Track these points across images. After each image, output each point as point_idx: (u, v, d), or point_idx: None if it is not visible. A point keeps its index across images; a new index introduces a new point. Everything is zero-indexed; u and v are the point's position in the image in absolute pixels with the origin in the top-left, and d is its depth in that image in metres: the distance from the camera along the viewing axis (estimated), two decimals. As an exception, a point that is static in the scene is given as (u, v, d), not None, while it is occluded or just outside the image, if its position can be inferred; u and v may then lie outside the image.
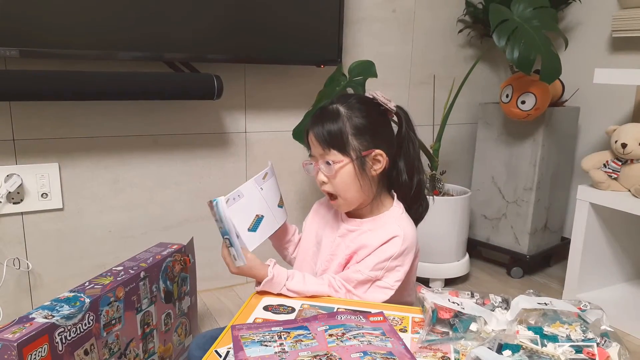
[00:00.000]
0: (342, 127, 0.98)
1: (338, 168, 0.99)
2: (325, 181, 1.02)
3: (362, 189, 1.01)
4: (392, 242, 0.99)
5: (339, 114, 0.99)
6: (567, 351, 0.72)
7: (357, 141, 0.99)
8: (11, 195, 1.48)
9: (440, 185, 1.97)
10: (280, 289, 0.97)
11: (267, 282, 0.96)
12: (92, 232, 1.63)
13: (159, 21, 1.47)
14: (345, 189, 1.01)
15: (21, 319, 0.90)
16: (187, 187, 1.76)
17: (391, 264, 0.99)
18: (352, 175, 0.99)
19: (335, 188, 1.01)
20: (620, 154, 1.67)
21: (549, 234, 2.13)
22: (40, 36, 1.33)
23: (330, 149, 0.99)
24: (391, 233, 1.00)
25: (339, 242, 1.08)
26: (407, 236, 1.00)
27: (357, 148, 0.99)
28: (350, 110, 1.00)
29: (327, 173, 1.00)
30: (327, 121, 0.99)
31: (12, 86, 1.30)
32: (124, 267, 1.17)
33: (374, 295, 1.00)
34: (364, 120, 1.00)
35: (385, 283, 1.00)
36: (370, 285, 1.00)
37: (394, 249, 0.99)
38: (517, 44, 1.64)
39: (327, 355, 0.71)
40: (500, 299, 0.88)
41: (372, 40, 1.99)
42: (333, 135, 0.98)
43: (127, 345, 1.12)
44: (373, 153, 1.00)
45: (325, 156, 1.00)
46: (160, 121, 1.67)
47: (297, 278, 0.99)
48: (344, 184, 1.00)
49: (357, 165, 0.99)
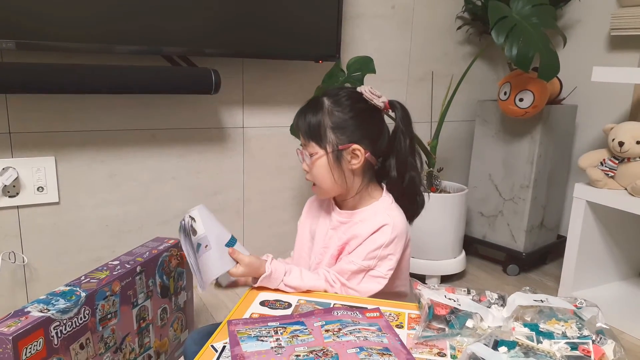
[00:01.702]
0: (321, 120, 1.02)
1: (314, 159, 1.03)
2: (307, 170, 1.06)
3: (337, 181, 1.04)
4: (382, 231, 1.01)
5: (322, 107, 1.03)
6: (562, 348, 0.72)
7: (335, 135, 1.02)
8: (7, 189, 1.48)
9: (438, 182, 1.97)
10: (278, 285, 0.98)
11: (265, 277, 0.96)
12: (88, 226, 1.62)
13: (157, 15, 1.46)
14: (320, 180, 1.05)
15: (17, 312, 0.89)
16: (184, 182, 1.76)
17: (383, 253, 1.01)
18: (326, 168, 1.03)
19: (314, 178, 1.06)
20: (617, 152, 1.67)
21: (545, 232, 2.13)
22: (37, 28, 1.32)
23: (309, 141, 1.04)
24: (380, 222, 1.01)
25: (332, 234, 1.10)
26: (397, 224, 1.02)
27: (333, 142, 1.02)
28: (334, 104, 1.03)
29: (306, 162, 1.05)
30: (309, 113, 1.03)
31: (9, 79, 1.29)
32: (120, 262, 1.17)
33: (367, 286, 1.01)
34: (345, 115, 1.02)
35: (379, 272, 1.01)
36: (364, 275, 1.01)
37: (384, 238, 1.01)
38: (515, 42, 1.64)
39: (323, 350, 0.71)
40: (496, 295, 0.88)
41: (371, 36, 1.98)
42: (312, 128, 1.02)
43: (122, 340, 1.12)
44: (351, 147, 1.02)
45: (306, 147, 1.05)
46: (158, 115, 1.66)
47: (295, 273, 0.99)
48: (319, 174, 1.04)
49: (332, 158, 1.02)
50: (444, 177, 2.03)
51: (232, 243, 0.98)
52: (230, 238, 0.98)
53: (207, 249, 0.94)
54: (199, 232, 0.95)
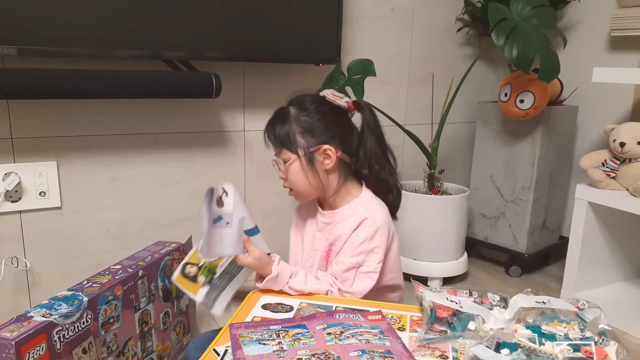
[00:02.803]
0: (289, 127, 1.05)
1: (288, 165, 1.06)
2: (283, 177, 1.09)
3: (312, 183, 1.06)
4: (363, 225, 1.03)
5: (288, 116, 1.06)
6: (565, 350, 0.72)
7: (304, 139, 1.05)
8: (9, 194, 1.48)
9: (439, 184, 1.97)
10: (282, 287, 0.98)
11: (271, 279, 0.97)
12: (91, 230, 1.62)
13: (157, 19, 1.47)
14: (296, 184, 1.08)
15: (19, 317, 0.89)
16: (186, 186, 1.76)
17: (368, 247, 1.03)
18: (300, 171, 1.06)
19: (290, 184, 1.09)
20: (618, 153, 1.67)
21: (547, 233, 2.13)
22: (38, 34, 1.33)
23: (281, 148, 1.07)
24: (360, 217, 1.04)
25: (319, 236, 1.12)
26: (377, 216, 1.05)
27: (304, 145, 1.05)
28: (300, 110, 1.06)
29: (281, 170, 1.08)
30: (277, 123, 1.07)
31: (10, 84, 1.29)
32: (122, 266, 1.17)
33: (360, 285, 1.02)
34: (311, 119, 1.05)
35: (368, 267, 1.03)
36: (355, 272, 1.02)
37: (366, 232, 1.03)
38: (515, 43, 1.64)
39: (325, 353, 0.71)
40: (498, 297, 0.88)
41: (371, 39, 1.99)
42: (282, 136, 1.06)
43: (125, 344, 1.12)
44: (322, 148, 1.05)
45: (279, 154, 1.08)
46: (159, 120, 1.67)
47: (300, 277, 1.00)
48: (295, 179, 1.07)
49: (305, 162, 1.05)
50: (445, 178, 2.03)
51: (252, 233, 1.00)
52: (253, 227, 1.00)
53: (228, 226, 0.96)
54: (227, 206, 0.97)
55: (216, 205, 0.97)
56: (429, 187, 1.95)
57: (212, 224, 0.95)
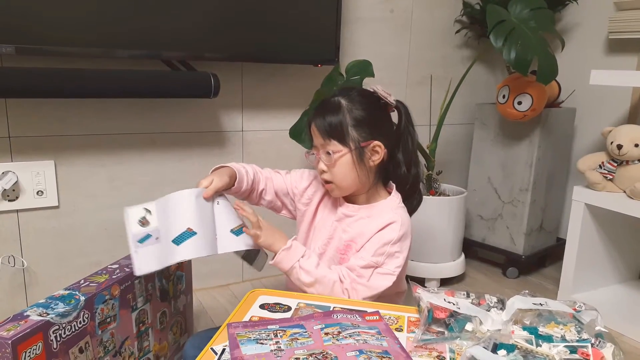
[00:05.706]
0: (342, 118, 1.03)
1: (337, 157, 1.03)
2: (325, 170, 1.06)
3: (359, 178, 1.05)
4: (390, 228, 1.03)
5: (340, 106, 1.04)
6: (561, 351, 0.72)
7: (357, 132, 1.03)
8: (6, 193, 1.48)
9: (437, 185, 1.97)
10: (293, 264, 0.99)
11: (284, 250, 0.98)
12: (88, 230, 1.62)
13: (156, 19, 1.47)
14: (342, 178, 1.05)
15: (16, 316, 0.89)
16: (184, 186, 1.73)
17: (391, 250, 1.02)
18: (350, 165, 1.04)
19: (333, 177, 1.06)
20: (615, 155, 1.68)
21: (544, 235, 2.13)
22: (37, 33, 1.33)
23: (330, 140, 1.03)
24: (388, 219, 1.03)
25: (336, 225, 1.11)
26: (405, 223, 1.04)
27: (356, 139, 1.03)
28: (351, 102, 1.04)
29: (327, 162, 1.05)
30: (329, 113, 1.04)
31: (8, 83, 1.29)
32: (120, 265, 1.17)
33: (377, 282, 1.02)
34: (363, 113, 1.04)
35: (386, 269, 1.02)
36: (372, 272, 1.02)
37: (392, 235, 1.02)
38: (514, 45, 1.65)
39: (322, 353, 0.71)
40: (495, 299, 0.88)
41: (370, 40, 1.99)
42: (333, 127, 1.03)
43: (122, 344, 1.11)
44: (372, 144, 1.04)
45: (326, 146, 1.04)
46: (157, 119, 1.66)
47: (313, 260, 1.01)
48: (342, 173, 1.05)
49: (356, 155, 1.03)
50: (443, 180, 2.03)
51: (238, 233, 1.01)
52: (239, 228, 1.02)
53: (157, 241, 0.98)
54: (152, 224, 1.00)
55: (140, 226, 0.99)
56: (426, 188, 1.95)
57: (137, 244, 0.98)
